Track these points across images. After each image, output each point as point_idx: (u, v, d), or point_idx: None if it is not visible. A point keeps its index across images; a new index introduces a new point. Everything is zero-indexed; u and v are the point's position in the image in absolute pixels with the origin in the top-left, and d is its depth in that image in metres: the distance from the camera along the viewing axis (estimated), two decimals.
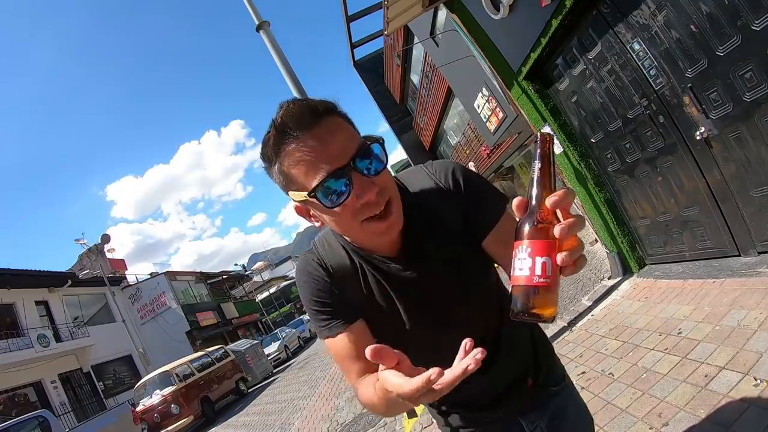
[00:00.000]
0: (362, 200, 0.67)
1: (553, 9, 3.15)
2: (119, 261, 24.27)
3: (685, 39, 2.55)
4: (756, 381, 1.82)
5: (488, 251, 0.85)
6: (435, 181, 0.84)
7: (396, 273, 0.81)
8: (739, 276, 2.77)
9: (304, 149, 0.65)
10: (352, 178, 0.66)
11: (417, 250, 0.80)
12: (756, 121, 2.40)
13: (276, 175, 0.71)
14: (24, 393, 13.41)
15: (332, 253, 0.85)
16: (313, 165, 0.65)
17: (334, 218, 0.71)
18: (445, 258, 0.82)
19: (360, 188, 0.66)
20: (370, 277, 0.82)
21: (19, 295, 14.67)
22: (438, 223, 0.81)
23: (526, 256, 0.53)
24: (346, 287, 0.83)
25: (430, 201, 0.82)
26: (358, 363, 0.82)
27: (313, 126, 0.65)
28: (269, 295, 40.80)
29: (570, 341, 3.35)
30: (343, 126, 0.69)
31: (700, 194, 3.03)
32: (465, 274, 0.83)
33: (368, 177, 0.67)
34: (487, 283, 0.89)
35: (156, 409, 9.54)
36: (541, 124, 4.09)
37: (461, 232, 0.83)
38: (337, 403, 5.56)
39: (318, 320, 0.85)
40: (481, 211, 0.83)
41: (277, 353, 17.10)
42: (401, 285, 0.82)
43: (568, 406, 0.96)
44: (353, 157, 0.66)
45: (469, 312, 0.85)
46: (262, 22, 4.97)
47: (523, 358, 0.94)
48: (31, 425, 6.96)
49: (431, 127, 15.53)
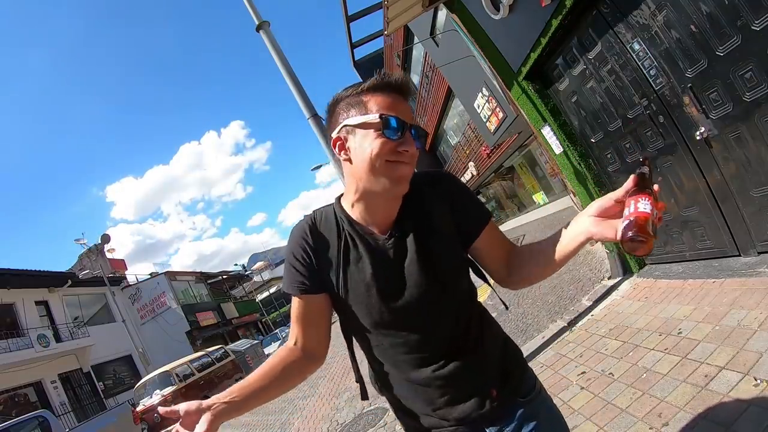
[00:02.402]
0: (403, 147, 0.83)
1: (553, 9, 3.15)
2: (119, 261, 24.28)
3: (685, 39, 2.56)
4: (756, 381, 1.82)
5: (474, 254, 0.96)
6: (430, 186, 0.94)
7: (379, 250, 0.89)
8: (739, 276, 2.76)
9: (396, 102, 0.84)
10: (406, 138, 0.83)
11: (404, 235, 0.89)
12: (756, 121, 2.40)
13: (347, 104, 0.86)
14: (24, 393, 13.42)
15: (325, 224, 0.94)
16: (395, 108, 0.83)
17: (371, 149, 0.82)
18: (428, 250, 0.89)
19: (409, 141, 0.84)
20: (352, 251, 0.90)
21: (19, 295, 14.69)
22: (428, 220, 0.91)
23: (650, 205, 0.71)
24: (323, 256, 0.92)
25: (424, 202, 0.92)
26: (298, 327, 0.96)
27: (407, 98, 0.86)
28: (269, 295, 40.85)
29: (570, 341, 3.35)
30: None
31: (700, 194, 3.03)
32: (442, 271, 0.89)
33: (416, 144, 0.85)
34: (463, 284, 0.94)
35: (156, 409, 9.54)
36: (541, 124, 4.09)
37: (450, 234, 0.92)
38: (337, 403, 5.56)
39: (288, 274, 0.95)
40: (472, 218, 0.94)
41: None
42: (382, 262, 0.89)
43: (539, 415, 0.94)
44: (416, 128, 0.85)
45: (439, 305, 0.89)
46: (262, 22, 4.97)
47: (490, 367, 0.93)
48: (31, 425, 6.96)
49: (431, 127, 15.54)
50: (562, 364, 3.04)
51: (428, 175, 0.96)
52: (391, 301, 0.88)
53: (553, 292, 4.79)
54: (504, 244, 0.97)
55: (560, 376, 2.87)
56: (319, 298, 0.93)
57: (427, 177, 0.95)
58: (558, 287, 4.89)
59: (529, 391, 0.96)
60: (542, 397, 0.98)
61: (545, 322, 4.00)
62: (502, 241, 0.98)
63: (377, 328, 0.91)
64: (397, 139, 0.82)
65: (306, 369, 0.97)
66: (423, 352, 0.90)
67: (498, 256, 0.96)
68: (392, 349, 0.92)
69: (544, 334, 3.65)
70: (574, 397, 2.51)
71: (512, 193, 17.06)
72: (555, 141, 4.02)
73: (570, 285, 4.70)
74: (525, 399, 0.94)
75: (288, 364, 0.93)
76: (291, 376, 0.94)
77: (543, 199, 13.92)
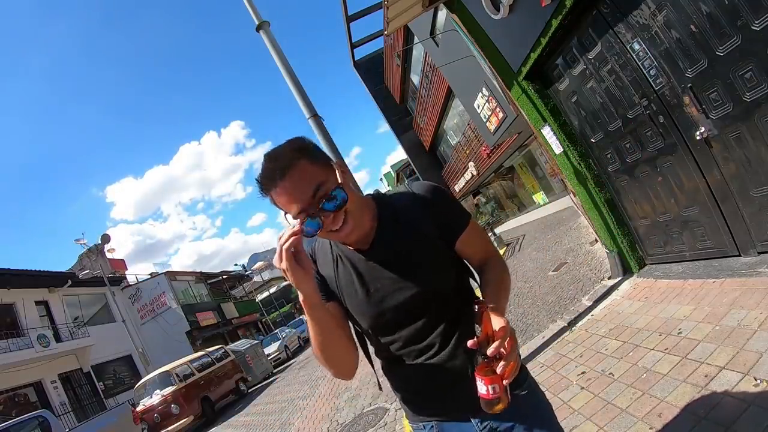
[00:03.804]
0: (324, 227, 0.90)
1: (553, 9, 3.15)
2: (119, 261, 24.28)
3: (685, 39, 2.56)
4: (756, 381, 1.82)
5: (459, 253, 1.06)
6: (414, 197, 1.04)
7: (362, 263, 1.00)
8: (739, 276, 2.77)
9: (279, 198, 0.89)
10: (316, 215, 0.88)
11: (382, 245, 0.99)
12: (756, 121, 2.40)
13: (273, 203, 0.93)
14: (24, 393, 13.42)
15: (321, 244, 1.10)
16: (289, 207, 0.89)
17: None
18: (406, 253, 0.99)
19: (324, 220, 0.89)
20: (341, 266, 1.03)
21: (19, 295, 14.68)
22: (409, 227, 1.00)
23: (484, 386, 0.82)
24: (325, 273, 1.06)
25: (407, 211, 1.02)
26: None
27: (282, 179, 0.87)
28: (269, 295, 40.84)
29: (570, 341, 3.35)
30: (306, 172, 0.88)
31: (700, 194, 3.03)
32: (420, 266, 0.98)
33: (328, 211, 0.89)
34: (448, 281, 1.02)
35: (156, 409, 9.54)
36: (541, 124, 4.09)
37: (434, 236, 1.00)
38: (337, 403, 5.57)
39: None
40: (452, 221, 1.04)
41: (277, 353, 17.10)
42: (366, 273, 1.00)
43: (525, 404, 1.01)
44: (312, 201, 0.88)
45: (426, 305, 0.99)
46: (262, 22, 4.97)
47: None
48: (31, 425, 6.96)
49: (431, 127, 15.54)
50: (562, 364, 3.04)
51: (415, 190, 1.05)
52: (380, 307, 0.99)
53: (553, 292, 4.79)
54: (476, 253, 1.08)
55: (560, 376, 2.87)
56: (331, 305, 1.04)
57: (414, 191, 1.05)
58: (558, 287, 4.89)
59: (522, 381, 1.03)
60: (533, 389, 1.06)
61: (545, 322, 4.00)
62: (475, 250, 1.08)
63: (374, 331, 1.04)
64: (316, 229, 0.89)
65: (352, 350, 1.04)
66: (417, 346, 1.01)
67: (473, 260, 1.10)
68: (391, 346, 1.04)
69: (544, 334, 3.65)
70: (574, 397, 2.51)
71: (512, 193, 17.06)
72: (555, 141, 4.02)
73: (570, 285, 4.70)
74: (516, 391, 0.98)
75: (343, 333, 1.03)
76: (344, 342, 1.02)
77: (543, 199, 13.93)
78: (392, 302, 0.99)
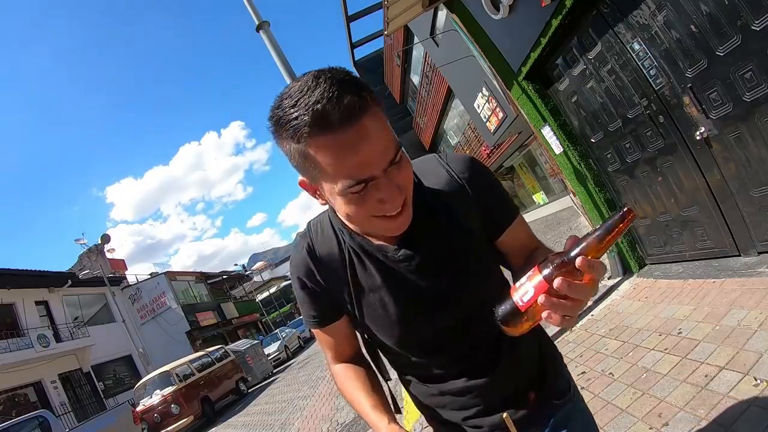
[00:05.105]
0: (385, 205, 0.64)
1: (553, 9, 3.15)
2: (119, 261, 24.28)
3: (685, 39, 2.55)
4: (756, 381, 1.81)
5: (499, 250, 0.84)
6: (451, 175, 0.79)
7: (390, 264, 0.77)
8: (739, 276, 2.76)
9: (339, 150, 0.58)
10: (380, 185, 0.62)
11: (416, 242, 0.76)
12: (756, 121, 2.40)
13: (292, 153, 0.63)
14: (24, 393, 13.43)
15: (323, 240, 0.81)
16: (346, 167, 0.60)
17: (346, 206, 0.65)
18: (446, 254, 0.77)
19: (388, 193, 0.63)
20: (359, 267, 0.78)
21: (19, 295, 14.68)
22: (448, 217, 0.77)
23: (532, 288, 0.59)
24: (331, 277, 0.80)
25: (443, 195, 0.78)
26: (336, 350, 0.91)
27: (352, 125, 0.57)
28: (269, 295, 40.82)
29: (570, 341, 3.35)
30: (380, 126, 0.61)
31: (700, 194, 3.03)
32: (464, 273, 0.78)
33: (396, 184, 0.64)
34: (489, 283, 0.82)
35: (156, 409, 9.54)
36: (541, 124, 4.09)
37: (475, 228, 0.79)
38: (337, 403, 5.56)
39: (302, 309, 0.88)
40: (499, 211, 0.81)
41: (277, 353, 17.10)
42: (395, 278, 0.77)
43: (572, 420, 0.87)
44: (387, 166, 0.62)
45: (462, 313, 0.79)
46: (262, 22, 4.97)
47: (527, 371, 0.86)
48: (31, 425, 6.97)
49: (431, 127, 15.55)
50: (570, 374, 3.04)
51: (452, 165, 0.81)
52: (413, 321, 0.78)
53: None
54: (522, 248, 0.84)
55: None
56: (338, 324, 0.86)
57: (450, 167, 0.80)
58: None
59: (564, 391, 0.88)
60: (576, 398, 0.90)
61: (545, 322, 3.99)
62: (523, 245, 0.84)
63: (402, 348, 0.82)
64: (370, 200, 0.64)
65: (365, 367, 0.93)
66: (456, 365, 0.82)
67: (516, 257, 0.84)
68: (421, 365, 0.85)
69: None
70: None
71: (512, 193, 17.07)
72: (555, 141, 4.02)
73: None
74: (560, 401, 0.87)
75: (359, 370, 0.90)
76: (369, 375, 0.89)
77: (543, 199, 13.94)
78: (433, 321, 0.78)
